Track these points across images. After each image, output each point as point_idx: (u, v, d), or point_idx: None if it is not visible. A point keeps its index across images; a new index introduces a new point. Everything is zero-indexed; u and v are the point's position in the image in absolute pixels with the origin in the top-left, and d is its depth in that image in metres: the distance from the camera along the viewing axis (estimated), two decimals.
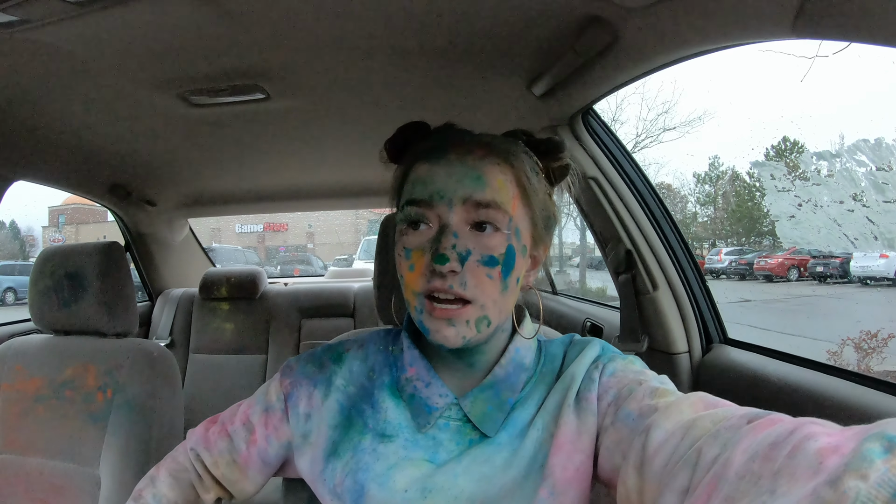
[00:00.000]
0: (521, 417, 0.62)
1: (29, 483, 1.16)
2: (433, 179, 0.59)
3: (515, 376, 0.64)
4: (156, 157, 1.83)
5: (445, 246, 0.56)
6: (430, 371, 0.65)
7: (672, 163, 24.86)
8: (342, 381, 0.69)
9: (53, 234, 24.87)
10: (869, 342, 3.94)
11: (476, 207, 0.58)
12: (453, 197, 0.58)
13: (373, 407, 0.66)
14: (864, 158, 1.71)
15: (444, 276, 0.56)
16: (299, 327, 2.55)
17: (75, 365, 1.20)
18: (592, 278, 10.65)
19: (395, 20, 0.92)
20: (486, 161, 0.60)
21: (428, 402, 0.63)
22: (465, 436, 0.62)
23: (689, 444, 0.45)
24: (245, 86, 1.19)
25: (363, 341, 0.73)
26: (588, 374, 0.62)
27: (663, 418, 0.49)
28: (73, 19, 0.85)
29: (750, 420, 0.42)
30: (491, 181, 0.58)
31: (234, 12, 0.87)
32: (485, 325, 0.59)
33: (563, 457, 0.58)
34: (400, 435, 0.63)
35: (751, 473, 0.36)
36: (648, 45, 0.92)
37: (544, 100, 1.23)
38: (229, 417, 0.75)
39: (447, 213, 0.58)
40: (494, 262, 0.58)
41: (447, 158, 0.60)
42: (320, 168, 2.09)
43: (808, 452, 0.34)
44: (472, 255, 0.57)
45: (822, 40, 0.74)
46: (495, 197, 0.58)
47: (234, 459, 0.72)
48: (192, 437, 0.76)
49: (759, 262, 9.09)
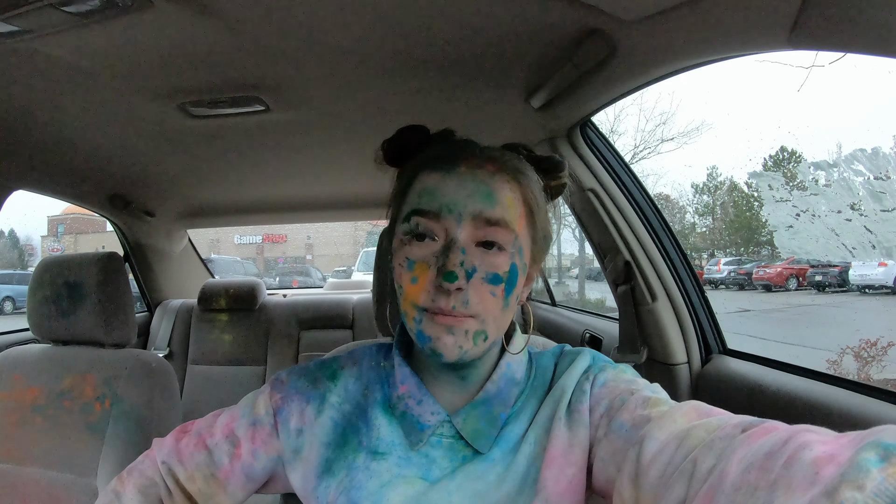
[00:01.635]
0: (513, 432, 0.61)
1: (26, 494, 1.15)
2: (443, 191, 0.58)
3: (507, 391, 0.63)
4: (155, 168, 1.84)
5: (454, 263, 0.55)
6: (422, 388, 0.64)
7: (670, 174, 24.89)
8: (337, 398, 0.67)
9: (52, 244, 24.81)
10: (868, 351, 3.92)
11: (485, 224, 0.57)
12: (463, 212, 0.57)
13: (367, 424, 0.65)
14: (861, 168, 1.72)
15: (448, 294, 0.55)
16: (298, 339, 2.54)
17: (73, 375, 1.20)
18: (591, 289, 10.64)
19: (395, 33, 0.93)
20: (496, 177, 0.59)
21: (420, 419, 0.62)
22: (457, 452, 0.61)
23: (684, 455, 0.44)
24: (244, 98, 1.20)
25: (357, 358, 0.72)
26: (579, 386, 0.61)
27: (657, 429, 0.49)
28: (74, 30, 0.86)
29: (744, 429, 0.42)
30: (501, 199, 0.58)
31: (234, 24, 0.88)
32: (482, 340, 0.58)
33: (555, 470, 0.57)
34: (393, 452, 0.62)
35: (747, 485, 0.36)
36: (646, 56, 0.93)
37: (543, 112, 1.24)
38: (206, 429, 0.70)
39: (455, 227, 0.57)
40: (499, 280, 0.57)
41: (457, 171, 0.59)
42: (319, 180, 2.10)
43: (804, 462, 0.34)
44: (477, 272, 0.57)
45: (818, 51, 0.75)
46: (504, 215, 0.57)
47: (213, 474, 0.68)
48: (161, 448, 0.71)
49: (757, 272, 9.07)
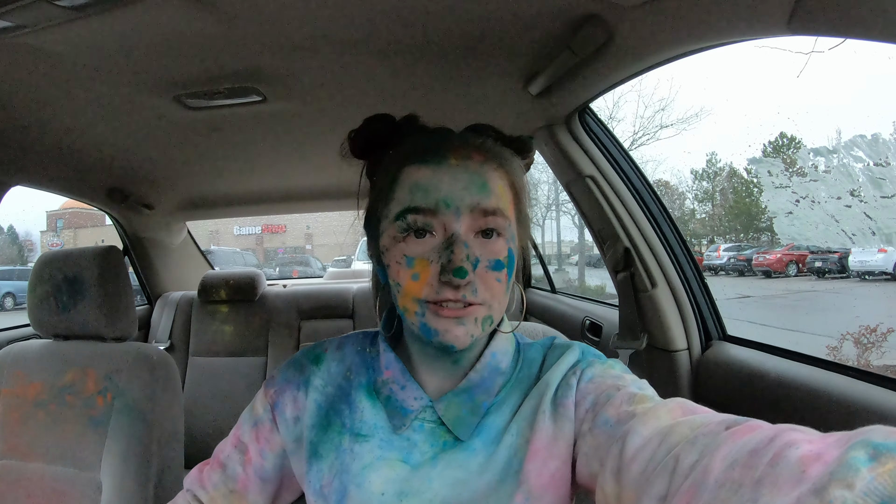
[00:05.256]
0: (495, 422, 0.62)
1: (30, 489, 1.16)
2: (437, 186, 0.57)
3: (491, 380, 0.64)
4: (153, 161, 1.83)
5: (461, 258, 0.55)
6: (406, 374, 0.65)
7: (669, 160, 24.75)
8: (321, 381, 0.68)
9: (51, 239, 24.82)
10: (868, 337, 3.93)
11: (483, 215, 0.58)
12: (461, 205, 0.57)
13: (350, 407, 0.66)
14: (861, 154, 1.71)
15: (457, 288, 0.55)
16: (299, 329, 2.55)
17: (75, 369, 1.20)
18: (591, 276, 10.65)
19: (391, 20, 0.92)
20: (486, 167, 0.59)
21: (403, 404, 0.63)
22: (438, 438, 0.62)
23: (667, 451, 0.44)
24: (241, 88, 1.19)
25: (341, 343, 0.73)
26: (565, 380, 0.62)
27: (641, 424, 0.49)
28: (69, 24, 0.85)
29: (728, 426, 0.42)
30: (494, 188, 0.59)
31: (230, 15, 0.87)
32: (488, 324, 0.59)
33: (538, 463, 0.58)
34: (375, 435, 0.63)
35: (731, 481, 0.36)
36: (644, 42, 0.92)
37: (541, 99, 1.23)
38: (221, 447, 0.73)
39: (454, 221, 0.57)
40: (501, 265, 0.58)
41: (448, 164, 0.58)
42: (318, 169, 2.09)
43: (790, 460, 0.33)
44: (480, 262, 0.57)
45: (817, 36, 0.75)
46: (499, 204, 0.58)
47: (232, 489, 0.70)
48: (187, 480, 0.74)
49: (757, 258, 9.08)
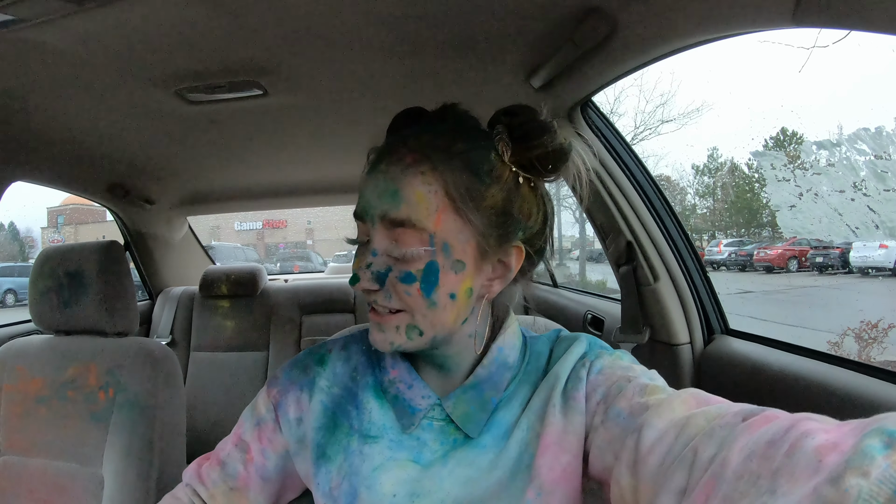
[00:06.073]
0: (505, 418, 0.61)
1: (32, 484, 1.16)
2: (363, 194, 0.59)
3: (499, 375, 0.63)
4: (153, 156, 1.83)
5: (360, 265, 0.57)
6: (412, 372, 0.64)
7: (671, 155, 24.71)
8: (326, 382, 0.67)
9: (52, 235, 24.86)
10: (869, 332, 3.93)
11: (392, 226, 0.56)
12: (375, 214, 0.57)
13: (357, 408, 0.65)
14: (864, 147, 1.70)
15: (368, 293, 0.58)
16: (300, 324, 2.55)
17: (77, 365, 1.20)
18: (592, 271, 10.65)
19: (393, 14, 0.91)
20: (409, 171, 0.55)
21: (411, 403, 0.63)
22: (448, 436, 0.61)
23: (684, 444, 0.44)
24: (242, 82, 1.18)
25: (345, 342, 0.72)
26: (575, 373, 0.61)
27: (655, 416, 0.48)
28: (69, 17, 0.85)
29: (745, 417, 0.42)
30: (408, 196, 0.54)
31: (231, 8, 0.87)
32: (416, 334, 0.57)
33: (549, 457, 0.57)
34: (384, 436, 0.62)
35: (749, 473, 0.36)
36: (647, 35, 0.91)
37: (543, 92, 1.22)
38: (221, 445, 0.72)
39: (371, 230, 0.58)
40: (411, 278, 0.55)
41: (378, 169, 0.57)
42: (319, 164, 2.08)
43: (807, 450, 0.33)
44: (391, 271, 0.56)
45: (821, 29, 0.74)
46: (410, 214, 0.54)
47: (232, 486, 0.68)
48: (186, 473, 0.73)
49: (758, 254, 9.09)
